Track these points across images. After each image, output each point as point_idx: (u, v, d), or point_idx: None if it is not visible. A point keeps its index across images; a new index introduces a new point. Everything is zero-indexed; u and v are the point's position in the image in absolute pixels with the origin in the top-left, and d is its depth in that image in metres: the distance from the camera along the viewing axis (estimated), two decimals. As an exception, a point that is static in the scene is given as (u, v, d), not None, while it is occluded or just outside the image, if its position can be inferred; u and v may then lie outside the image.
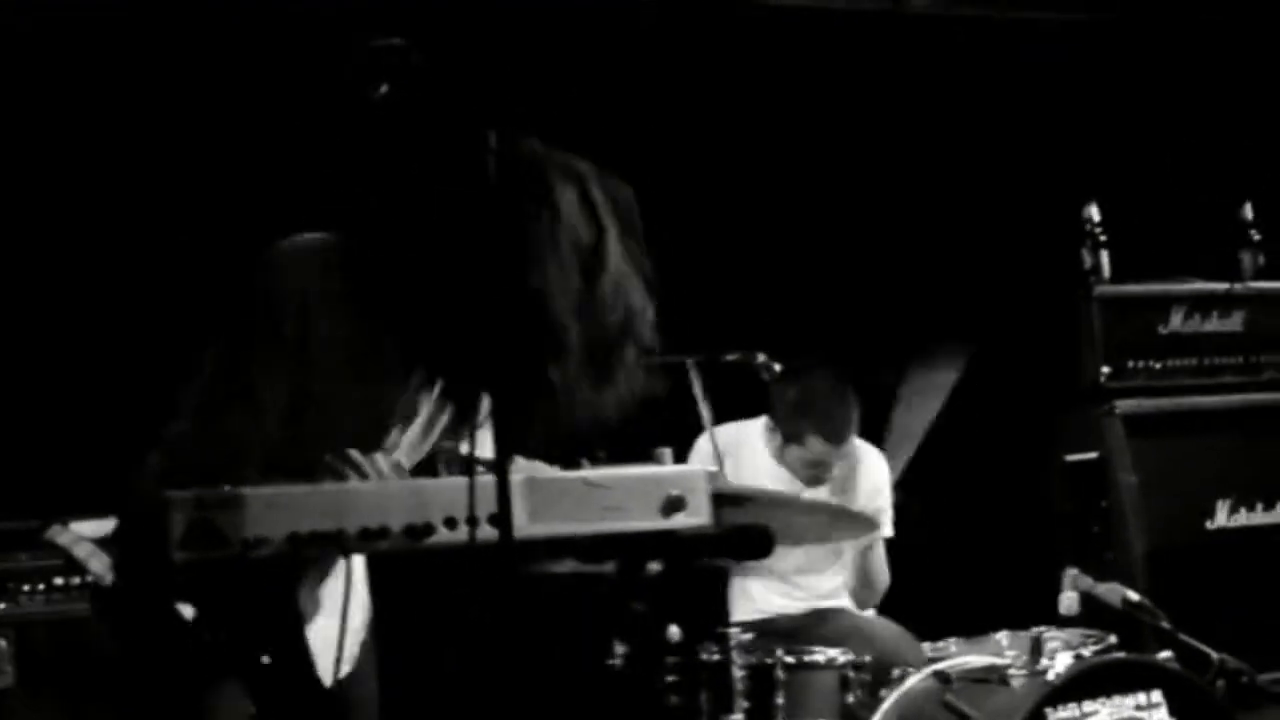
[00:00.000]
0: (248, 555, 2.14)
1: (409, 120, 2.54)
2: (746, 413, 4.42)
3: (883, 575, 4.40)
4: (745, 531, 2.31)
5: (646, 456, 2.60)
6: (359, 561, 2.51)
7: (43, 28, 4.33)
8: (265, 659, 2.48)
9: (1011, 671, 3.60)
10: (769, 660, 3.80)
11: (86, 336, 4.36)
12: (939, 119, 5.27)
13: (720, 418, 4.35)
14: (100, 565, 3.81)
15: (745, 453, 4.37)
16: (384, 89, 2.55)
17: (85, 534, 3.79)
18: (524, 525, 2.25)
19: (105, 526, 3.78)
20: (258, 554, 2.15)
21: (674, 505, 2.40)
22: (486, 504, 2.21)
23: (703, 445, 4.23)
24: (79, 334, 4.38)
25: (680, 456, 4.12)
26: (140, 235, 4.41)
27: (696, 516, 2.41)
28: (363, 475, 2.33)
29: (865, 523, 3.69)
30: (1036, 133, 5.34)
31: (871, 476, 4.45)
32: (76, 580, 4.03)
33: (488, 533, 2.22)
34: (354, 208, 2.55)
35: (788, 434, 4.21)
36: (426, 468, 2.53)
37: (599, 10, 4.75)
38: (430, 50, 2.43)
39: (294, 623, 2.53)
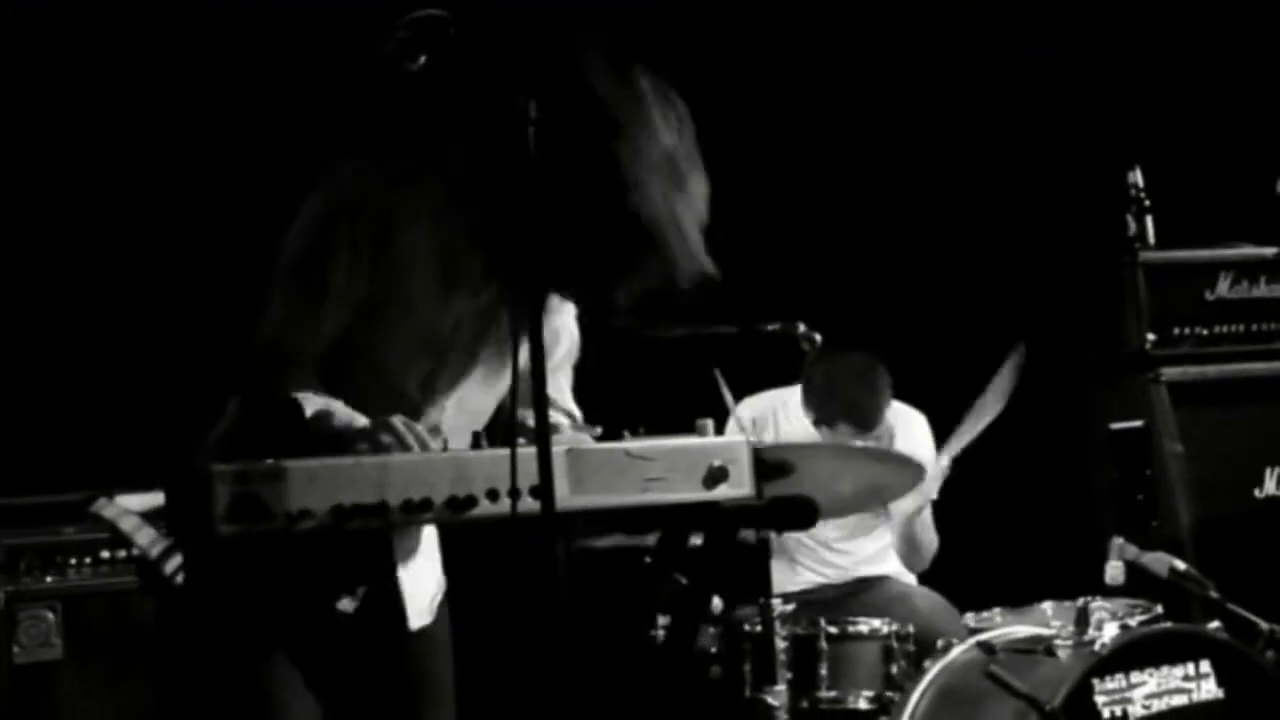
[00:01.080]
0: (292, 528, 2.16)
1: (447, 90, 2.55)
2: (788, 382, 4.41)
3: (930, 538, 4.38)
4: (789, 503, 2.30)
5: (688, 429, 2.59)
6: None
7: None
8: (347, 606, 2.51)
9: (1057, 642, 3.58)
10: (812, 631, 3.81)
11: (133, 311, 4.38)
12: (982, 88, 5.23)
13: (761, 388, 4.35)
14: (146, 538, 3.85)
15: (783, 420, 4.37)
16: (422, 60, 2.56)
17: (132, 507, 3.82)
18: (566, 497, 2.26)
19: (151, 500, 3.83)
20: (302, 527, 2.16)
21: (716, 476, 2.40)
22: (529, 476, 2.23)
23: (740, 415, 4.23)
24: (126, 308, 4.41)
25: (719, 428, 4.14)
26: (182, 210, 4.43)
27: (739, 488, 2.41)
28: (404, 445, 2.34)
29: (912, 469, 3.68)
30: (1080, 98, 5.29)
31: (912, 440, 4.43)
32: (123, 553, 4.07)
33: (531, 505, 2.23)
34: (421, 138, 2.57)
35: (818, 417, 4.20)
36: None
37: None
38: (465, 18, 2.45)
39: (389, 566, 2.58)
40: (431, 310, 2.55)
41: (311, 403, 2.43)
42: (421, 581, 2.68)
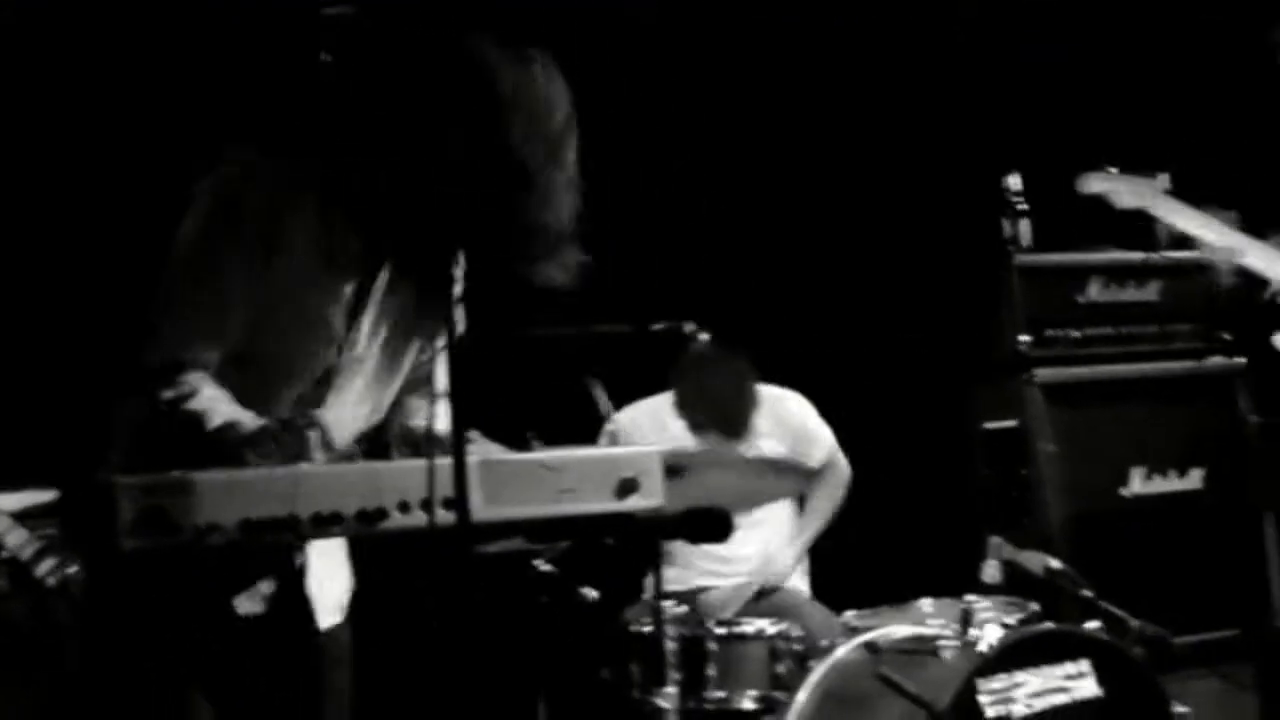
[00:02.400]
0: (199, 543, 2.10)
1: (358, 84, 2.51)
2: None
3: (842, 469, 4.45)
4: (704, 515, 2.30)
5: (573, 431, 2.58)
6: None
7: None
8: (252, 608, 2.45)
9: (941, 642, 3.61)
10: (700, 632, 3.81)
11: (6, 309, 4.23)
12: (862, 92, 5.26)
13: (651, 388, 4.35)
14: (17, 540, 3.73)
15: (668, 423, 4.34)
16: (329, 57, 2.52)
17: (3, 507, 3.70)
18: (480, 509, 2.23)
19: (23, 500, 3.71)
20: (210, 541, 2.10)
21: (628, 487, 2.38)
22: (442, 487, 2.19)
23: (619, 423, 4.22)
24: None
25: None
26: (69, 204, 4.29)
27: (650, 498, 2.40)
28: (303, 455, 2.29)
29: (801, 473, 3.70)
30: (959, 105, 5.36)
31: (793, 422, 4.45)
32: (-6, 555, 3.94)
33: (444, 517, 2.19)
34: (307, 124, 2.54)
35: (690, 423, 4.21)
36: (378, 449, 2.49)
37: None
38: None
39: (299, 566, 2.53)
40: (324, 304, 2.52)
41: (218, 413, 2.38)
42: (330, 580, 2.63)
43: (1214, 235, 4.32)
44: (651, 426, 4.35)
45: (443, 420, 2.42)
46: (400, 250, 2.48)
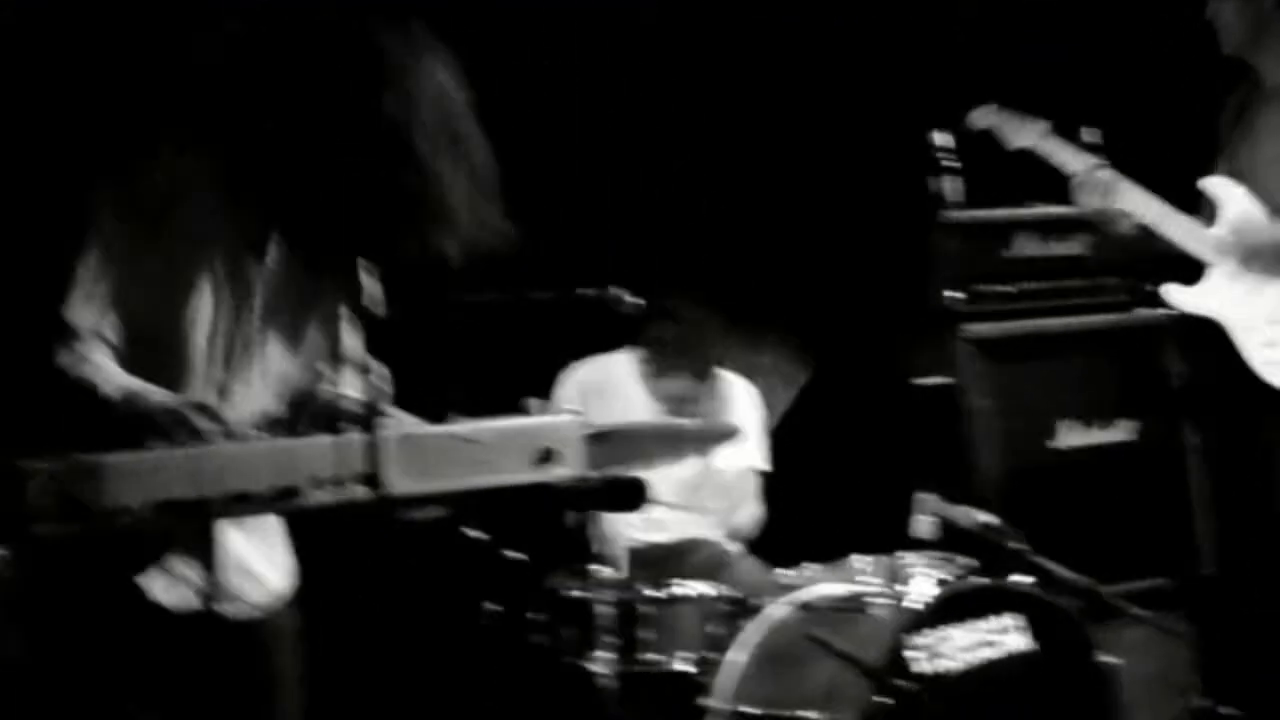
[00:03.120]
0: (111, 526, 2.08)
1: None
2: (604, 347, 4.41)
3: (754, 505, 4.44)
4: (619, 484, 2.30)
5: (503, 399, 2.57)
6: None
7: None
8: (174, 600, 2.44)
9: (873, 600, 3.64)
10: (634, 595, 3.82)
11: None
12: (791, 50, 5.25)
13: (581, 353, 4.34)
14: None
15: (614, 387, 4.36)
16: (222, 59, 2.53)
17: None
18: (398, 482, 2.22)
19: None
20: (122, 524, 2.09)
21: (546, 457, 2.38)
22: (356, 463, 2.18)
23: (566, 384, 4.21)
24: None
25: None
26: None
27: (569, 467, 2.40)
28: (197, 434, 2.28)
29: (722, 432, 3.71)
30: (889, 63, 5.35)
31: (738, 409, 4.46)
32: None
33: (358, 492, 2.18)
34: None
35: (656, 369, 4.22)
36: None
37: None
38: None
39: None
40: (220, 282, 2.54)
41: (108, 382, 2.40)
42: (267, 565, 2.62)
43: (1099, 180, 4.36)
44: (595, 391, 4.36)
45: (352, 391, 2.44)
46: (291, 228, 2.51)
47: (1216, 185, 4.39)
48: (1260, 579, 5.07)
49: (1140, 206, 4.35)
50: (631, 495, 2.30)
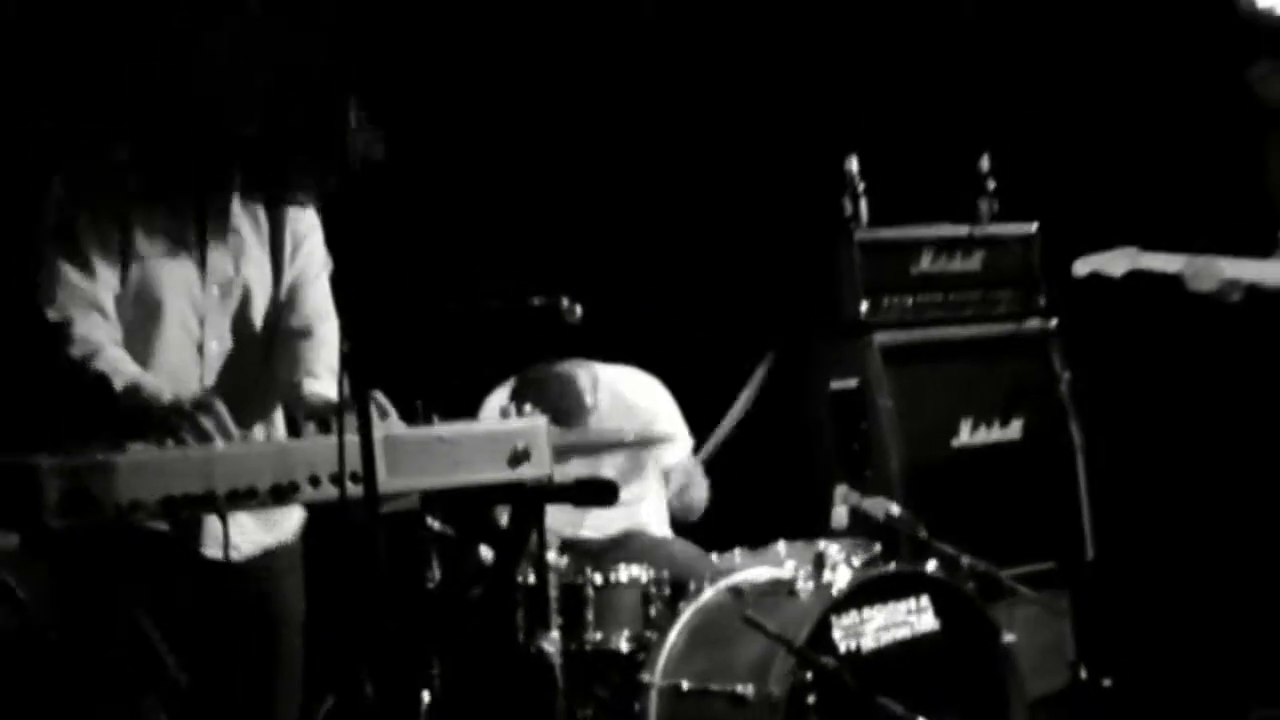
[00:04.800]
0: (122, 520, 2.05)
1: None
2: (553, 353, 4.39)
3: (700, 492, 4.46)
4: (591, 483, 2.31)
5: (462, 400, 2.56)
6: None
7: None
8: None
9: (798, 584, 3.66)
10: (579, 580, 3.81)
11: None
12: (717, 82, 5.26)
13: (530, 359, 4.32)
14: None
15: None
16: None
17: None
18: (385, 480, 2.22)
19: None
20: (132, 518, 2.06)
21: (519, 457, 2.38)
22: (349, 461, 2.17)
23: (491, 402, 4.20)
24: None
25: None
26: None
27: (540, 467, 2.40)
28: (202, 432, 2.26)
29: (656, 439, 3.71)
30: (804, 94, 5.38)
31: (639, 408, 4.42)
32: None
33: (352, 489, 2.17)
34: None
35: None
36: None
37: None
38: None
39: None
40: (172, 259, 2.56)
41: (120, 376, 2.39)
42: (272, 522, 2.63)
43: (1199, 267, 4.34)
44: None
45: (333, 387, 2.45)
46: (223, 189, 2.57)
47: None
48: (1134, 563, 5.18)
49: (1242, 271, 4.33)
50: (603, 492, 2.30)
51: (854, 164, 4.93)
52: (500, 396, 4.31)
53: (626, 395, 4.38)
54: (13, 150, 3.76)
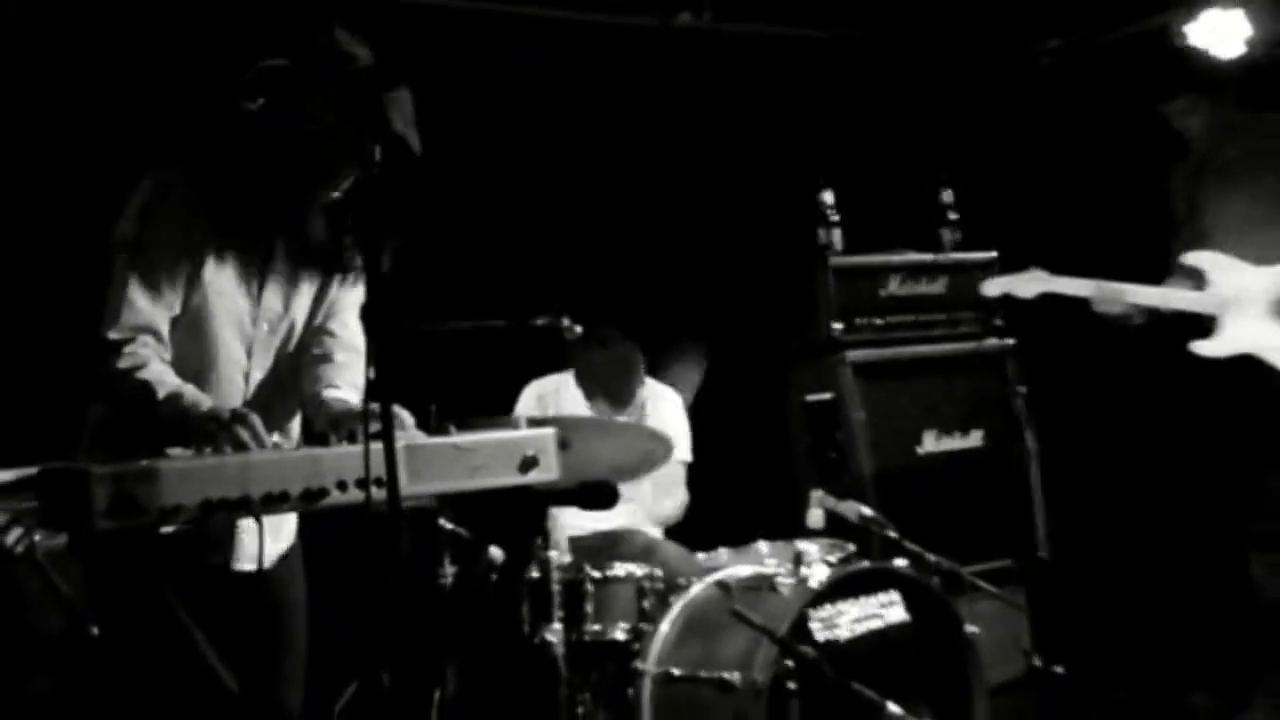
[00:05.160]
0: (164, 522, 2.04)
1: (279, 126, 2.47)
2: (556, 366, 4.41)
3: (681, 493, 4.45)
4: (595, 487, 2.30)
5: (479, 409, 2.56)
6: None
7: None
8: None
9: (779, 580, 3.65)
10: (579, 576, 3.80)
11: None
12: (705, 121, 5.27)
13: (533, 374, 4.32)
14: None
15: (563, 399, 4.36)
16: (261, 101, 2.48)
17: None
18: (406, 485, 2.20)
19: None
20: (173, 521, 2.05)
21: (529, 464, 2.37)
22: (373, 468, 2.15)
23: (527, 394, 4.20)
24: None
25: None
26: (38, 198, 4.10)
27: (548, 473, 2.39)
28: (248, 445, 2.25)
29: (662, 442, 3.71)
30: (784, 133, 5.40)
31: (661, 413, 4.46)
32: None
33: (376, 494, 2.16)
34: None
35: (586, 394, 4.21)
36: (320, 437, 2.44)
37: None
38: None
39: None
40: (232, 292, 2.53)
41: (165, 385, 2.37)
42: (280, 530, 2.60)
43: (1106, 292, 4.33)
44: (554, 397, 4.36)
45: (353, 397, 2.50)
46: (298, 236, 2.53)
47: (1200, 259, 4.32)
48: (1084, 561, 5.18)
49: (1145, 298, 4.31)
50: (604, 496, 2.29)
51: (829, 197, 4.94)
52: (535, 389, 4.34)
53: (655, 391, 4.41)
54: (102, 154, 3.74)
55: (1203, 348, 4.28)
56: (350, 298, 2.70)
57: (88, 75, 4.13)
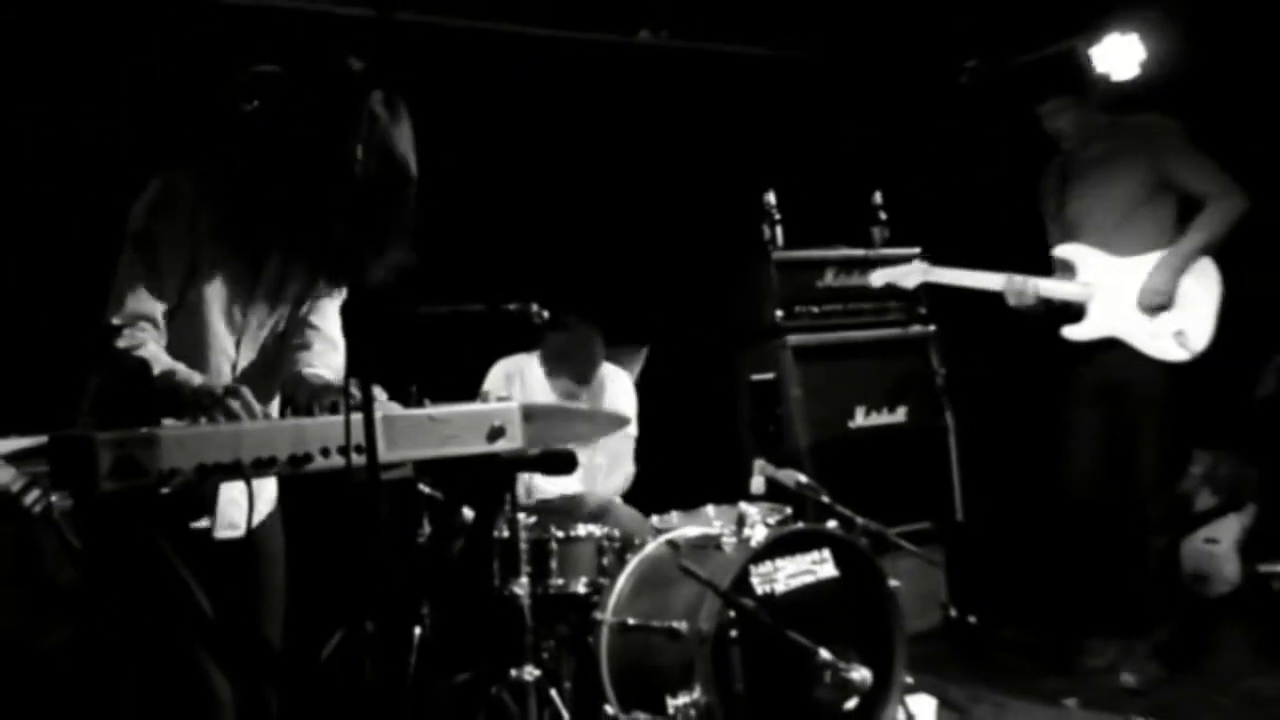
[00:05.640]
0: (163, 484, 2.00)
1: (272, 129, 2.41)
2: (525, 347, 4.36)
3: (629, 465, 4.43)
4: (556, 454, 2.28)
5: (454, 387, 2.52)
6: None
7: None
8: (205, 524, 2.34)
9: (724, 539, 3.63)
10: (544, 535, 3.78)
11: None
12: (662, 128, 5.25)
13: (504, 354, 4.28)
14: (6, 476, 3.51)
15: (527, 377, 4.32)
16: (255, 104, 2.43)
17: (-5, 451, 3.48)
18: (384, 452, 2.17)
19: (11, 445, 3.48)
20: (171, 483, 2.01)
21: (497, 433, 2.34)
22: (354, 436, 2.12)
23: (495, 371, 4.15)
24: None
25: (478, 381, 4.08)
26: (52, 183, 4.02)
27: (514, 441, 2.36)
28: (238, 416, 2.21)
29: (617, 420, 3.68)
30: (733, 140, 5.38)
31: (616, 395, 4.43)
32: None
33: (356, 459, 2.12)
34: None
35: (548, 371, 4.18)
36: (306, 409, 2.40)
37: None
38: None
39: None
40: (227, 289, 2.47)
41: (160, 361, 2.32)
42: (262, 494, 2.56)
43: (1015, 283, 4.28)
44: (519, 376, 4.32)
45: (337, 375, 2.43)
46: (290, 240, 2.44)
47: (1069, 251, 4.33)
48: (995, 523, 5.21)
49: (1046, 290, 4.30)
50: (564, 463, 2.27)
51: (772, 198, 4.94)
52: (503, 367, 4.30)
53: (611, 373, 4.39)
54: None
55: (1072, 332, 4.30)
56: (334, 294, 2.65)
57: (87, 75, 4.05)
